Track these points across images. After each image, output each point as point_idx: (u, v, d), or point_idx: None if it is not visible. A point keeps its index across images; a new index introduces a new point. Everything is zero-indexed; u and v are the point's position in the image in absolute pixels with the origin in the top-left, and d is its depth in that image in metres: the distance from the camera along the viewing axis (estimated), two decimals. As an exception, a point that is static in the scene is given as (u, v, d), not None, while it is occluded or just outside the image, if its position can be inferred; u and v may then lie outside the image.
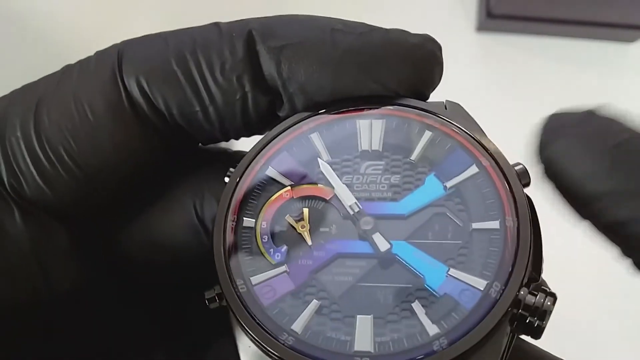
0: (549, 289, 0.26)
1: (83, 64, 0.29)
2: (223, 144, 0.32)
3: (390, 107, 0.29)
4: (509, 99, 0.86)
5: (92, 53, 0.30)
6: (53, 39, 0.85)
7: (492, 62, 0.88)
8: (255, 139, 0.30)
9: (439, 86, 0.30)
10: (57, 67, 0.30)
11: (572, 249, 0.65)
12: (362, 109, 0.29)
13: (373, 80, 0.28)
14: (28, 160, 0.28)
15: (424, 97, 0.29)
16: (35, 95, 0.28)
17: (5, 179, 0.28)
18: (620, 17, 0.84)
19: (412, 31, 0.29)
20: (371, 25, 0.28)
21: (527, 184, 0.27)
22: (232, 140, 0.31)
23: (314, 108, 0.29)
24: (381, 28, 0.28)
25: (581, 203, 0.24)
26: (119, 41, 0.30)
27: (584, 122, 0.25)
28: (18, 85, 0.30)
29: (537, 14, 0.85)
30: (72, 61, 0.30)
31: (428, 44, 0.28)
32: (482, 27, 0.87)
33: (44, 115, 0.28)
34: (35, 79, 0.30)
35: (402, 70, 0.28)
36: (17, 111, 0.28)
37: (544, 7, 0.84)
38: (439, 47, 0.29)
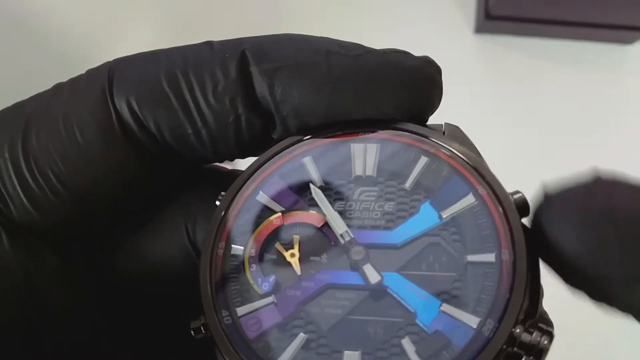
0: (548, 321, 0.25)
1: (73, 82, 0.28)
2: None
3: (386, 131, 0.28)
4: (508, 100, 0.86)
5: (91, 55, 0.29)
6: (54, 40, 0.84)
7: (490, 63, 0.87)
8: (252, 158, 0.30)
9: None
10: (56, 69, 0.29)
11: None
12: (357, 133, 0.28)
13: (369, 105, 0.27)
14: (15, 182, 0.27)
15: (423, 121, 0.28)
16: (25, 115, 0.28)
17: None
18: (619, 19, 0.84)
19: (410, 33, 0.28)
20: (368, 48, 0.27)
21: (525, 214, 0.26)
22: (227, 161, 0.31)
23: (307, 131, 0.28)
24: (378, 50, 0.27)
25: (593, 289, 0.23)
26: (118, 43, 0.29)
27: (586, 201, 0.23)
28: (18, 87, 0.29)
29: (536, 15, 0.85)
30: (72, 63, 0.29)
31: (427, 67, 0.27)
32: (480, 29, 0.87)
33: (33, 136, 0.27)
34: (35, 81, 0.29)
35: (399, 94, 0.27)
36: (6, 131, 0.27)
37: (542, 8, 0.84)
38: (439, 70, 0.28)
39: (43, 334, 0.28)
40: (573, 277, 0.24)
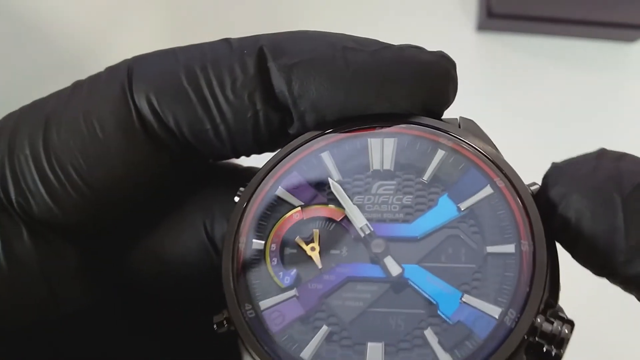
0: (566, 315, 0.25)
1: (93, 80, 0.29)
2: (234, 161, 0.32)
3: (402, 125, 0.28)
4: (509, 98, 0.86)
5: (95, 55, 0.29)
6: (55, 39, 0.84)
7: (492, 61, 0.87)
8: (267, 155, 0.30)
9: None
10: (59, 69, 0.29)
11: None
12: (374, 127, 0.28)
13: (385, 99, 0.27)
14: (37, 178, 0.27)
15: (438, 116, 0.29)
16: (45, 112, 0.28)
17: (13, 198, 0.27)
18: (621, 17, 0.84)
19: (412, 30, 0.28)
20: (384, 43, 0.28)
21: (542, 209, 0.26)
22: (243, 157, 0.31)
23: (325, 126, 0.28)
24: (394, 45, 0.27)
25: (600, 261, 0.24)
26: (122, 42, 0.29)
27: (594, 172, 0.24)
28: (19, 87, 0.29)
29: (538, 13, 0.85)
30: (72, 61, 0.29)
31: (442, 61, 0.27)
32: (482, 27, 0.87)
33: (54, 133, 0.27)
34: (37, 80, 0.29)
35: (414, 89, 0.27)
36: (26, 129, 0.28)
37: (544, 6, 0.84)
38: (454, 65, 0.28)
39: (60, 331, 0.28)
40: (580, 248, 0.24)
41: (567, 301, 0.27)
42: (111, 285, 0.30)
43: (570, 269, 0.27)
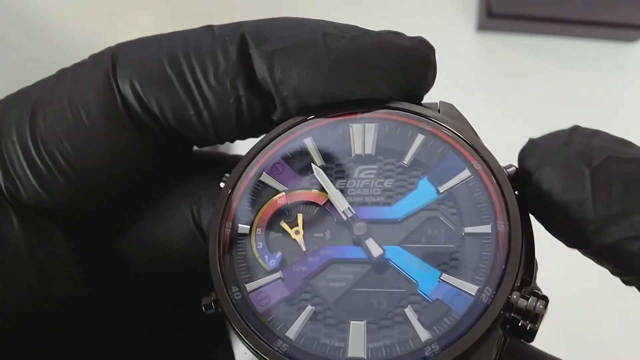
0: (541, 291, 0.26)
1: (78, 67, 0.29)
2: (220, 149, 0.32)
3: (383, 111, 0.29)
4: (509, 98, 0.86)
5: (92, 51, 0.30)
6: (53, 38, 0.85)
7: (492, 61, 0.88)
8: (251, 141, 0.30)
9: (439, 85, 0.30)
10: (56, 67, 0.30)
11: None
12: (355, 113, 0.29)
13: (365, 84, 0.28)
14: (24, 164, 0.28)
15: (418, 100, 0.29)
16: (31, 100, 0.28)
17: (2, 184, 0.28)
18: (621, 17, 0.84)
19: (413, 31, 0.29)
20: (363, 29, 0.28)
21: (518, 187, 0.27)
22: (228, 143, 0.31)
23: (307, 112, 0.29)
24: (373, 31, 0.28)
25: (571, 232, 0.25)
26: (118, 40, 0.30)
27: (566, 146, 0.25)
28: (18, 86, 0.30)
29: (538, 13, 0.85)
30: (71, 61, 0.30)
31: (421, 46, 0.28)
32: (482, 27, 0.87)
33: (40, 119, 0.28)
34: (34, 78, 0.30)
35: (394, 74, 0.28)
36: (13, 115, 0.28)
37: (544, 6, 0.84)
38: (432, 50, 0.28)
39: (50, 320, 0.29)
40: (553, 220, 0.25)
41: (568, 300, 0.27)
42: (101, 273, 0.31)
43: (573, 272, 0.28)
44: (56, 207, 0.29)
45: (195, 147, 0.32)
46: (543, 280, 0.29)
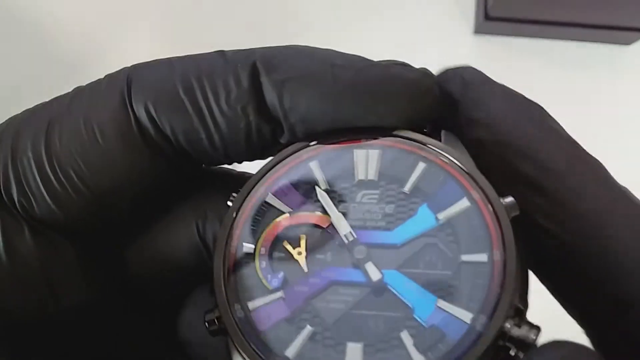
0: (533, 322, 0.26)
1: (93, 87, 0.30)
2: (227, 166, 0.33)
3: (387, 138, 0.30)
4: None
5: (93, 56, 0.30)
6: (54, 41, 0.85)
7: (489, 64, 0.87)
8: (258, 161, 0.31)
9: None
10: (57, 71, 0.31)
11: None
12: (360, 140, 0.30)
13: (371, 114, 0.28)
14: (39, 180, 0.28)
15: (421, 129, 0.30)
16: (47, 117, 0.29)
17: (15, 198, 0.29)
18: (618, 20, 0.84)
19: (410, 35, 0.30)
20: (370, 61, 0.29)
21: (515, 217, 0.27)
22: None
23: (314, 137, 0.30)
24: (380, 64, 0.29)
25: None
26: (118, 46, 0.31)
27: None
28: (19, 87, 0.31)
29: (535, 16, 0.86)
30: (73, 65, 0.30)
31: (425, 79, 0.29)
32: (479, 30, 0.88)
33: (55, 137, 0.29)
34: (36, 82, 0.30)
35: (399, 105, 0.28)
36: (29, 131, 0.29)
37: (541, 9, 0.85)
38: (436, 82, 0.29)
39: (60, 328, 0.30)
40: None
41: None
42: (109, 283, 0.32)
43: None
44: (69, 222, 0.29)
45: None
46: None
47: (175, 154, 0.30)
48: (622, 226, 0.27)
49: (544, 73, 0.88)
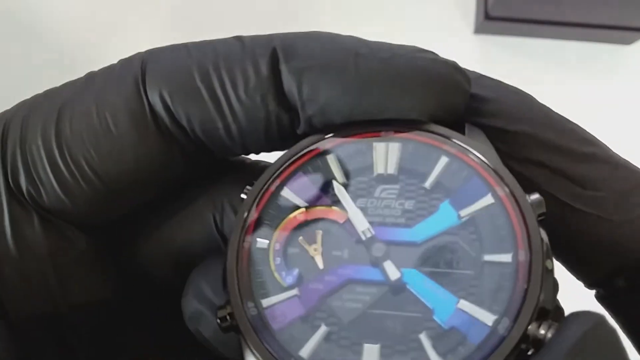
0: (561, 313, 0.25)
1: (106, 72, 0.29)
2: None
3: (408, 131, 0.29)
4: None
5: (93, 54, 0.29)
6: (53, 39, 0.84)
7: (490, 64, 0.88)
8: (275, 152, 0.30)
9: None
10: (57, 71, 0.30)
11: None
12: (380, 132, 0.29)
13: (395, 108, 0.27)
14: (48, 169, 0.27)
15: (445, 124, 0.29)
16: (58, 103, 0.28)
17: (24, 187, 0.28)
18: (618, 20, 0.84)
19: (410, 34, 0.29)
20: (396, 49, 0.28)
21: (541, 215, 0.26)
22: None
23: (332, 129, 0.29)
24: (407, 52, 0.27)
25: None
26: (119, 43, 0.30)
27: None
28: (19, 86, 0.29)
29: (535, 16, 0.85)
30: (73, 62, 0.29)
31: (455, 74, 0.27)
32: (480, 30, 0.88)
33: (66, 124, 0.27)
34: (36, 82, 0.29)
35: (425, 100, 0.27)
36: (39, 118, 0.28)
37: (541, 9, 0.84)
38: (467, 79, 0.28)
39: (69, 319, 0.29)
40: None
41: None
42: (120, 275, 0.31)
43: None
44: (78, 212, 0.28)
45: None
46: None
47: (190, 144, 0.29)
48: None
49: (544, 73, 0.87)
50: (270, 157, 0.30)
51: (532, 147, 0.28)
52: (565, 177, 0.28)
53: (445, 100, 0.28)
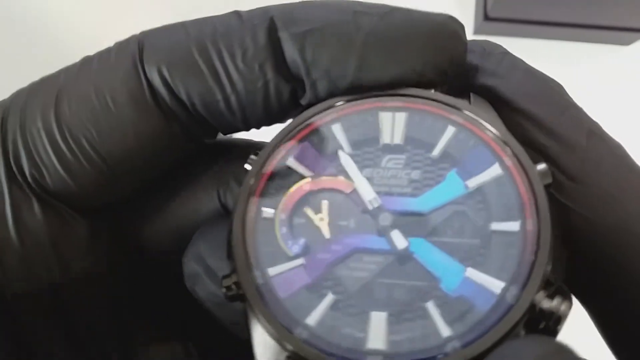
0: (567, 291, 0.25)
1: (103, 54, 0.29)
2: (246, 136, 0.32)
3: (414, 100, 0.28)
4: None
5: (91, 50, 0.30)
6: (51, 37, 0.84)
7: (489, 64, 0.88)
8: (277, 128, 0.30)
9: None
10: (55, 66, 0.30)
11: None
12: (386, 102, 0.29)
13: (398, 62, 0.27)
14: (50, 151, 0.27)
15: (451, 79, 0.29)
16: (55, 86, 0.28)
17: (27, 171, 0.27)
18: (617, 21, 0.84)
19: None
20: (392, 6, 0.28)
21: (549, 185, 0.26)
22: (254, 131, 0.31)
23: (337, 98, 0.29)
24: (403, 8, 0.28)
25: None
26: (118, 39, 0.30)
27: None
28: (19, 84, 0.30)
29: (535, 17, 0.85)
30: (72, 60, 0.30)
31: (452, 23, 0.28)
32: (479, 30, 0.88)
33: (65, 106, 0.27)
34: (35, 77, 0.30)
35: (426, 50, 0.27)
36: (38, 102, 0.28)
37: (541, 10, 0.84)
38: (462, 27, 0.28)
39: (70, 303, 0.29)
40: None
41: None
42: (121, 258, 0.30)
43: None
44: (82, 192, 0.28)
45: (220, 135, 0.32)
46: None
47: (191, 120, 0.29)
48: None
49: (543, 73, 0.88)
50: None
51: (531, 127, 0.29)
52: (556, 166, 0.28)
53: (444, 48, 0.27)
